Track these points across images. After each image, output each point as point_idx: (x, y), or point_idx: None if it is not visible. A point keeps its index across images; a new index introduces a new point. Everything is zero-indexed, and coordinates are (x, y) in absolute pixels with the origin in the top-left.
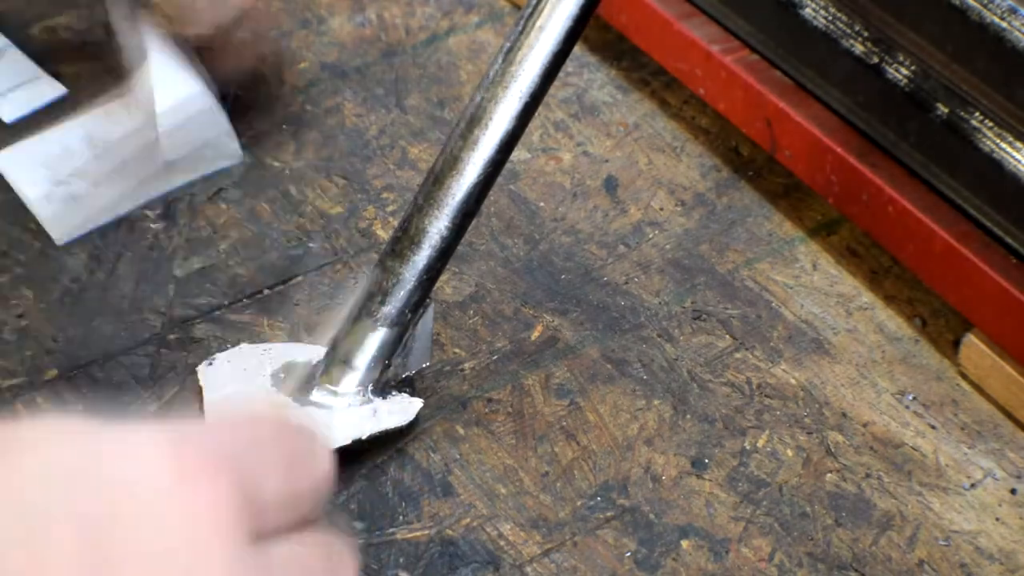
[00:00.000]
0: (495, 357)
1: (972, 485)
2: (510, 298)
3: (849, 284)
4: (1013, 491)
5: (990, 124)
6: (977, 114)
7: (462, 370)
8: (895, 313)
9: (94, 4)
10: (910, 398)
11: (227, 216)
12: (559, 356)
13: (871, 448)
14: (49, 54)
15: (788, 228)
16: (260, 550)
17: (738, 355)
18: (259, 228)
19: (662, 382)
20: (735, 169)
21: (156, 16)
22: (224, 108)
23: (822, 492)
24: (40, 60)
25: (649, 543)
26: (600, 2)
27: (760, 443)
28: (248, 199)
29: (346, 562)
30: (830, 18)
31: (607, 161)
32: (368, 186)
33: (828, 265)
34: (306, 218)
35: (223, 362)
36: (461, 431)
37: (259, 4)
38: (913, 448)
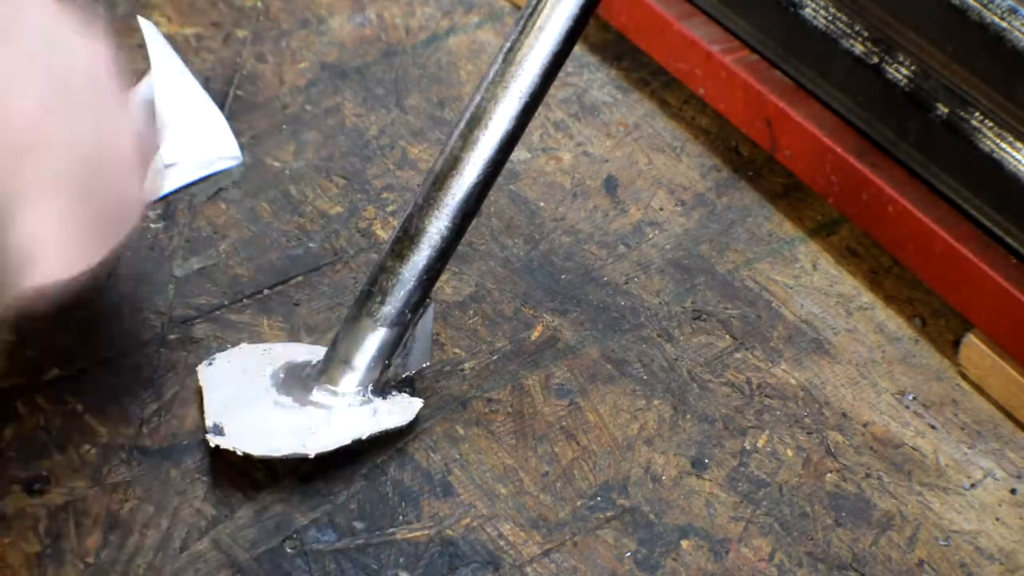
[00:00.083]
0: (495, 357)
1: (972, 485)
2: (510, 298)
3: (849, 284)
4: (1013, 491)
5: (990, 124)
6: (977, 114)
7: (462, 370)
8: (895, 313)
9: (94, 4)
10: (910, 398)
11: (227, 216)
12: (559, 356)
13: (871, 448)
14: None
15: (788, 228)
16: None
17: (738, 355)
18: (259, 228)
19: (662, 382)
20: (735, 169)
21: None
22: (224, 108)
23: (822, 492)
24: None
25: (649, 543)
26: (600, 2)
27: (760, 443)
28: (248, 199)
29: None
30: (830, 18)
31: (607, 161)
32: (368, 186)
33: (828, 265)
34: (306, 218)
35: (223, 362)
36: (461, 431)
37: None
38: (913, 448)
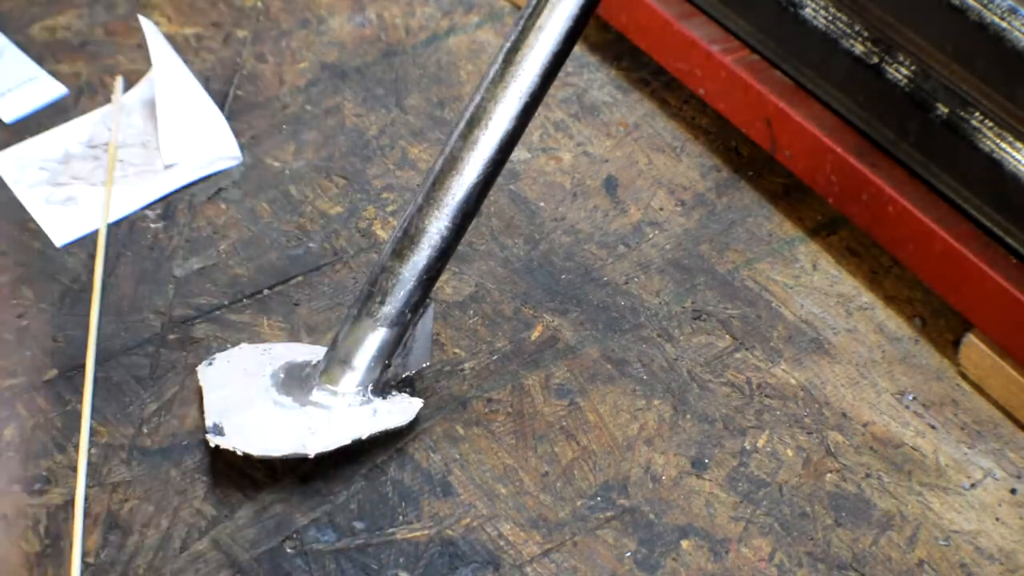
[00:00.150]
0: (495, 357)
1: (972, 485)
2: (510, 298)
3: (849, 284)
4: (1013, 491)
5: (990, 124)
6: (977, 114)
7: (462, 370)
8: (895, 313)
9: (94, 4)
10: (910, 398)
11: (227, 216)
12: (559, 356)
13: (871, 448)
14: (49, 54)
15: (788, 228)
16: None
17: (738, 355)
18: (259, 228)
19: (662, 382)
20: (735, 169)
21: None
22: (224, 108)
23: (822, 492)
24: (40, 60)
25: (649, 543)
26: (600, 2)
27: (760, 443)
28: (248, 199)
29: None
30: (830, 18)
31: (607, 161)
32: (368, 186)
33: (828, 265)
34: (306, 218)
35: (223, 362)
36: (461, 431)
37: None
38: (913, 448)
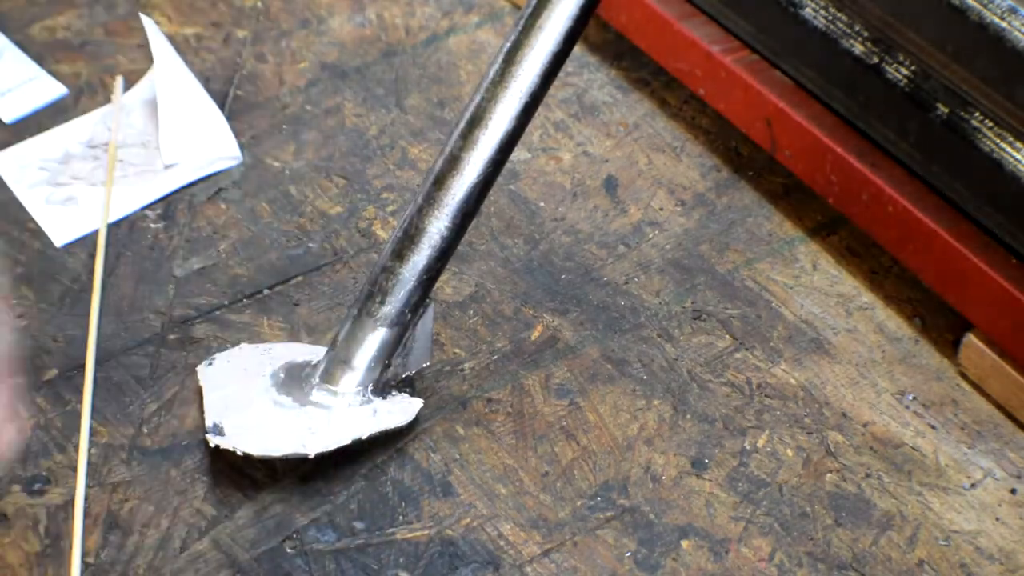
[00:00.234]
0: (495, 357)
1: (972, 485)
2: (510, 298)
3: (849, 284)
4: (1013, 491)
5: (990, 124)
6: (977, 114)
7: (462, 370)
8: (895, 313)
9: (94, 4)
10: (910, 398)
11: (227, 216)
12: (559, 356)
13: (871, 448)
14: (49, 54)
15: (788, 228)
16: None
17: (738, 355)
18: (259, 228)
19: (662, 382)
20: (735, 169)
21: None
22: (224, 108)
23: (822, 492)
24: (40, 60)
25: (649, 543)
26: (600, 2)
27: (760, 443)
28: (248, 199)
29: None
30: (830, 18)
31: (607, 161)
32: (368, 186)
33: (828, 265)
34: (306, 218)
35: (223, 362)
36: (461, 431)
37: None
38: (913, 448)
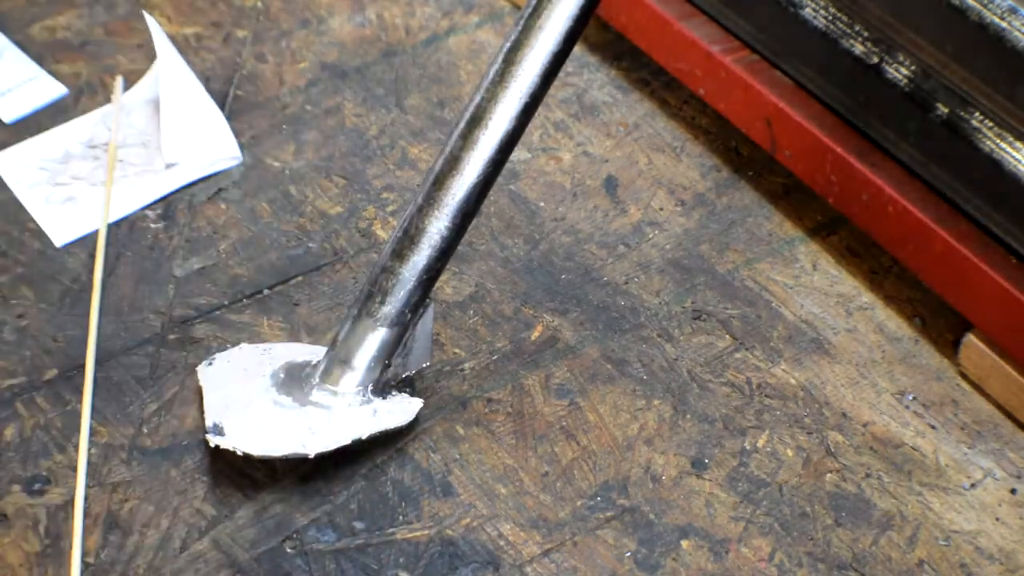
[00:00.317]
0: (495, 357)
1: (972, 485)
2: (510, 298)
3: (849, 284)
4: (1013, 491)
5: (990, 124)
6: (977, 114)
7: (462, 370)
8: (895, 313)
9: (94, 4)
10: (910, 398)
11: (227, 216)
12: (559, 356)
13: (871, 448)
14: (49, 54)
15: (788, 228)
16: None
17: (738, 355)
18: (259, 228)
19: (662, 382)
20: (735, 169)
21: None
22: (224, 108)
23: (822, 492)
24: (40, 60)
25: (649, 543)
26: (600, 2)
27: (760, 443)
28: (248, 199)
29: None
30: (830, 18)
31: (607, 161)
32: (368, 186)
33: (828, 265)
34: (306, 218)
35: (223, 362)
36: (461, 431)
37: None
38: (913, 448)
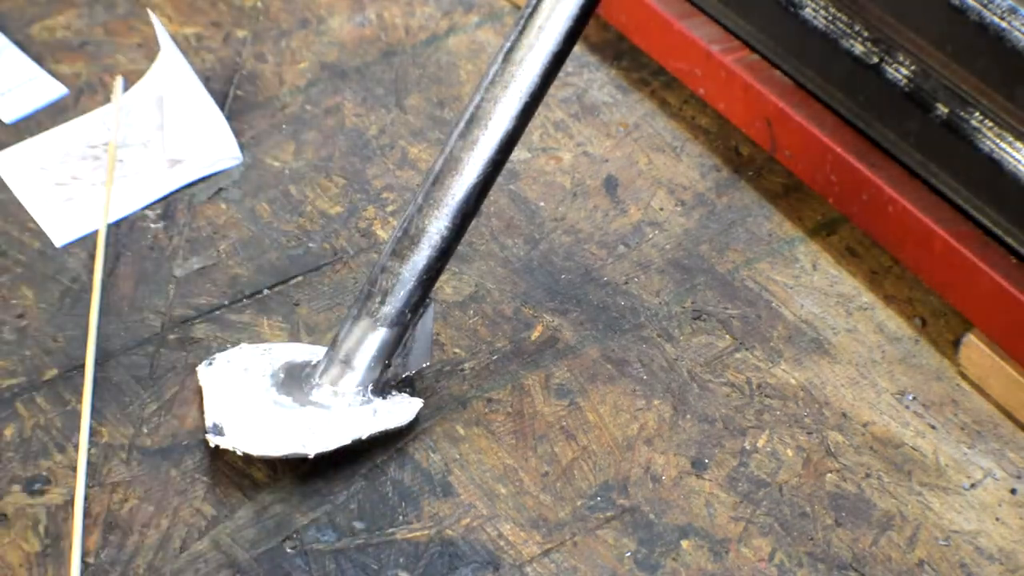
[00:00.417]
0: (495, 357)
1: (972, 485)
2: (510, 298)
3: (849, 284)
4: (1013, 491)
5: (990, 124)
6: (977, 114)
7: (462, 370)
8: (895, 313)
9: (94, 4)
10: (910, 398)
11: (227, 216)
12: (559, 356)
13: (871, 448)
14: (49, 54)
15: (788, 228)
16: None
17: (738, 355)
18: (259, 228)
19: (662, 382)
20: (735, 169)
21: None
22: (224, 108)
23: (822, 492)
24: (40, 60)
25: (649, 543)
26: (600, 2)
27: (760, 443)
28: (248, 199)
29: None
30: (830, 18)
31: (607, 161)
32: (368, 186)
33: (828, 265)
34: (306, 218)
35: (223, 362)
36: (461, 431)
37: None
38: (913, 448)
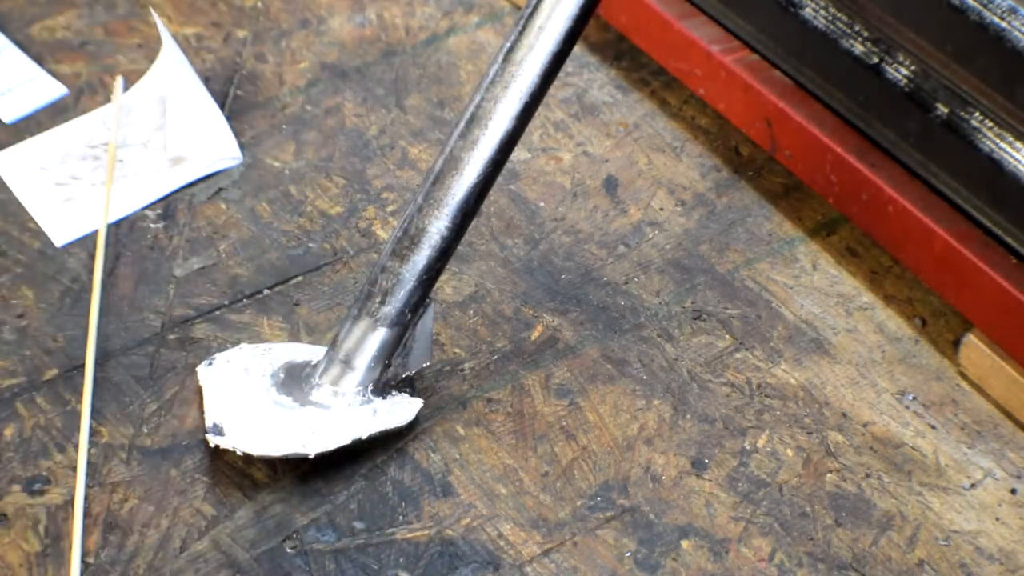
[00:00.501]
0: (495, 357)
1: (972, 485)
2: (510, 298)
3: (849, 284)
4: (1013, 491)
5: (990, 124)
6: (977, 114)
7: (462, 370)
8: (895, 313)
9: (94, 4)
10: (910, 398)
11: (227, 216)
12: (559, 356)
13: (871, 448)
14: (49, 54)
15: (788, 228)
16: None
17: (738, 355)
18: (259, 228)
19: (662, 382)
20: (735, 169)
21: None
22: (224, 108)
23: (822, 492)
24: (40, 60)
25: (649, 543)
26: (600, 2)
27: (760, 443)
28: (248, 199)
29: None
30: (830, 18)
31: (607, 161)
32: (368, 186)
33: (828, 265)
34: (306, 218)
35: (223, 362)
36: (461, 431)
37: None
38: (913, 448)
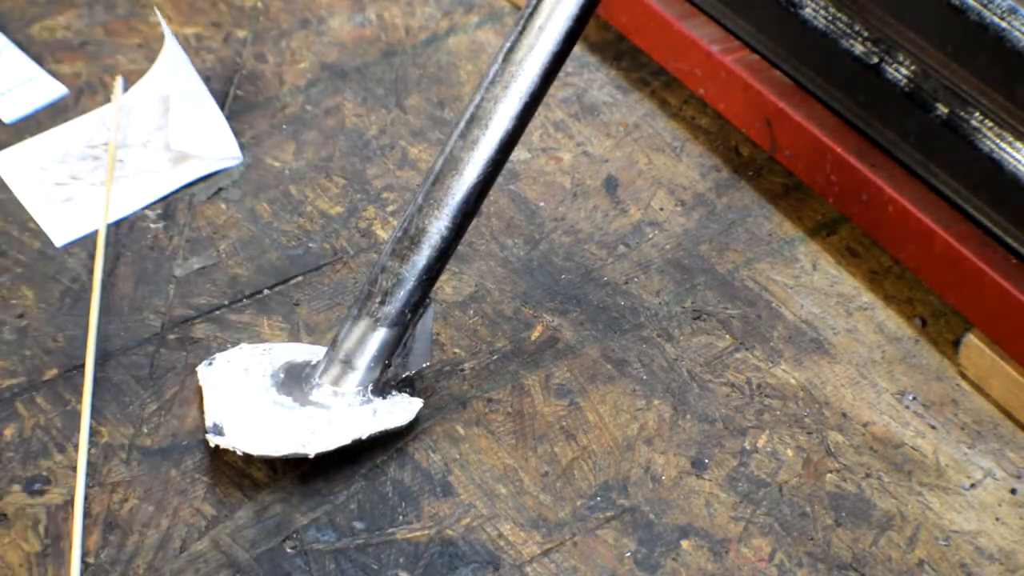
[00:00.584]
0: (495, 357)
1: (972, 485)
2: (510, 298)
3: (849, 284)
4: (1013, 491)
5: (990, 124)
6: (977, 114)
7: (462, 370)
8: (895, 313)
9: (94, 4)
10: (910, 398)
11: (227, 216)
12: (559, 356)
13: (871, 448)
14: (49, 54)
15: (788, 228)
16: None
17: (738, 355)
18: (259, 228)
19: (662, 382)
20: (735, 169)
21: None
22: (224, 108)
23: (822, 492)
24: (40, 60)
25: (649, 543)
26: (600, 2)
27: (760, 443)
28: (248, 199)
29: None
30: (830, 18)
31: (607, 161)
32: (368, 186)
33: (828, 265)
34: (306, 218)
35: (223, 362)
36: (461, 431)
37: None
38: (913, 448)
